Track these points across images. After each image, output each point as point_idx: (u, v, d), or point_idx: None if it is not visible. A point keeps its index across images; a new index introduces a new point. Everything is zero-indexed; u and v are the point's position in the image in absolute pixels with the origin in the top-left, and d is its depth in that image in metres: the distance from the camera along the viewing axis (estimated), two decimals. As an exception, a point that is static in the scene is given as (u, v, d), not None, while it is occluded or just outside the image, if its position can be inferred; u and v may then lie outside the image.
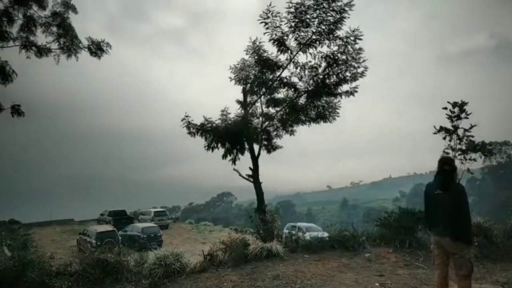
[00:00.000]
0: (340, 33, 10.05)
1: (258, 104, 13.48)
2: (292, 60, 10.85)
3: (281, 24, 9.96)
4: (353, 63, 10.60)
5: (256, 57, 11.28)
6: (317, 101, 11.94)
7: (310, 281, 6.88)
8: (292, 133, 13.65)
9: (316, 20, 9.79)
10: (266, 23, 9.97)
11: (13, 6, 14.82)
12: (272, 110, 13.41)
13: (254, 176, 12.07)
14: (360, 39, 10.13)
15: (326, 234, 12.03)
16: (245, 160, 12.50)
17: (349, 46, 10.27)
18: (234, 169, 12.35)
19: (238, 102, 13.33)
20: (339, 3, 9.54)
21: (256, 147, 12.53)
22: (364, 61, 10.58)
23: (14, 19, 15.22)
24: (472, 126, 18.40)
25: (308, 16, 9.73)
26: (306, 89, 11.62)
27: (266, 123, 13.21)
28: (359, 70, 10.76)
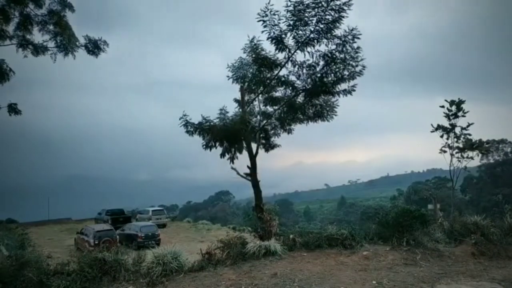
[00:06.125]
0: (338, 32, 10.05)
1: (256, 102, 13.48)
2: (290, 58, 10.84)
3: (279, 23, 9.95)
4: (351, 62, 10.60)
5: (253, 56, 11.26)
6: (315, 99, 11.95)
7: (308, 279, 6.90)
8: (290, 131, 13.66)
9: (315, 18, 9.78)
10: (264, 21, 9.95)
11: (9, 5, 14.72)
12: (270, 109, 13.40)
13: (252, 174, 12.07)
14: (358, 38, 10.14)
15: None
16: (243, 159, 12.50)
17: (347, 45, 10.27)
18: (232, 168, 12.35)
19: (236, 100, 13.32)
20: (338, 2, 9.53)
21: (254, 145, 12.53)
22: (362, 60, 10.59)
23: (11, 18, 15.13)
24: (469, 124, 18.50)
25: (306, 15, 9.72)
26: (304, 88, 11.61)
27: (264, 121, 13.20)
28: (357, 69, 10.76)
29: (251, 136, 12.40)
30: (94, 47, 16.05)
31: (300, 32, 10.11)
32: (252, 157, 12.22)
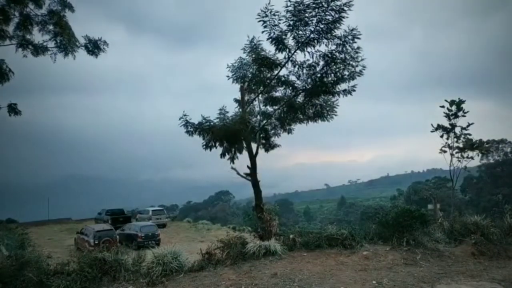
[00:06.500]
0: (339, 32, 10.05)
1: (256, 102, 13.47)
2: (290, 58, 10.85)
3: (279, 23, 9.95)
4: (351, 62, 10.60)
5: (253, 56, 11.27)
6: (315, 99, 11.95)
7: (308, 279, 6.90)
8: (290, 131, 13.66)
9: (315, 19, 9.78)
10: (264, 22, 9.96)
11: (9, 4, 14.72)
12: (270, 109, 13.40)
13: (252, 174, 12.07)
14: (359, 38, 10.14)
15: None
16: (243, 159, 12.50)
17: (347, 45, 10.27)
18: (232, 168, 12.35)
19: (236, 100, 13.31)
20: (338, 3, 9.53)
21: (254, 145, 12.53)
22: (362, 60, 10.59)
23: (11, 18, 15.13)
24: (469, 124, 18.50)
25: (307, 15, 9.72)
26: (304, 88, 11.62)
27: (264, 121, 13.20)
28: (357, 69, 10.77)
29: (251, 136, 12.41)
30: (94, 47, 16.05)
31: (300, 32, 10.11)
32: (252, 157, 12.22)
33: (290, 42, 10.40)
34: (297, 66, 11.14)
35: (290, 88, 12.05)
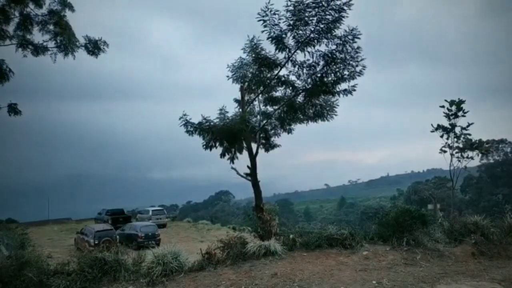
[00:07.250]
0: (339, 32, 10.05)
1: (256, 102, 13.48)
2: (290, 58, 10.84)
3: (279, 22, 9.96)
4: (351, 62, 10.60)
5: (253, 56, 11.27)
6: (315, 99, 11.95)
7: (308, 279, 6.90)
8: (290, 131, 13.66)
9: (315, 18, 9.79)
10: (264, 21, 9.96)
11: (9, 4, 14.73)
12: (270, 109, 13.40)
13: (252, 174, 12.06)
14: (359, 38, 10.14)
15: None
16: (243, 159, 12.49)
17: (347, 45, 10.27)
18: (232, 168, 12.34)
19: (236, 100, 13.32)
20: (338, 2, 9.54)
21: (254, 145, 12.52)
22: (362, 59, 10.59)
23: (11, 18, 15.14)
24: (469, 124, 18.52)
25: (306, 15, 9.73)
26: (304, 88, 11.61)
27: (264, 121, 13.20)
28: (357, 69, 10.75)
29: (251, 136, 12.40)
30: (94, 47, 16.07)
31: (300, 32, 10.11)
32: (252, 157, 12.21)
33: (290, 41, 10.40)
34: (297, 66, 11.13)
35: (290, 88, 12.04)
